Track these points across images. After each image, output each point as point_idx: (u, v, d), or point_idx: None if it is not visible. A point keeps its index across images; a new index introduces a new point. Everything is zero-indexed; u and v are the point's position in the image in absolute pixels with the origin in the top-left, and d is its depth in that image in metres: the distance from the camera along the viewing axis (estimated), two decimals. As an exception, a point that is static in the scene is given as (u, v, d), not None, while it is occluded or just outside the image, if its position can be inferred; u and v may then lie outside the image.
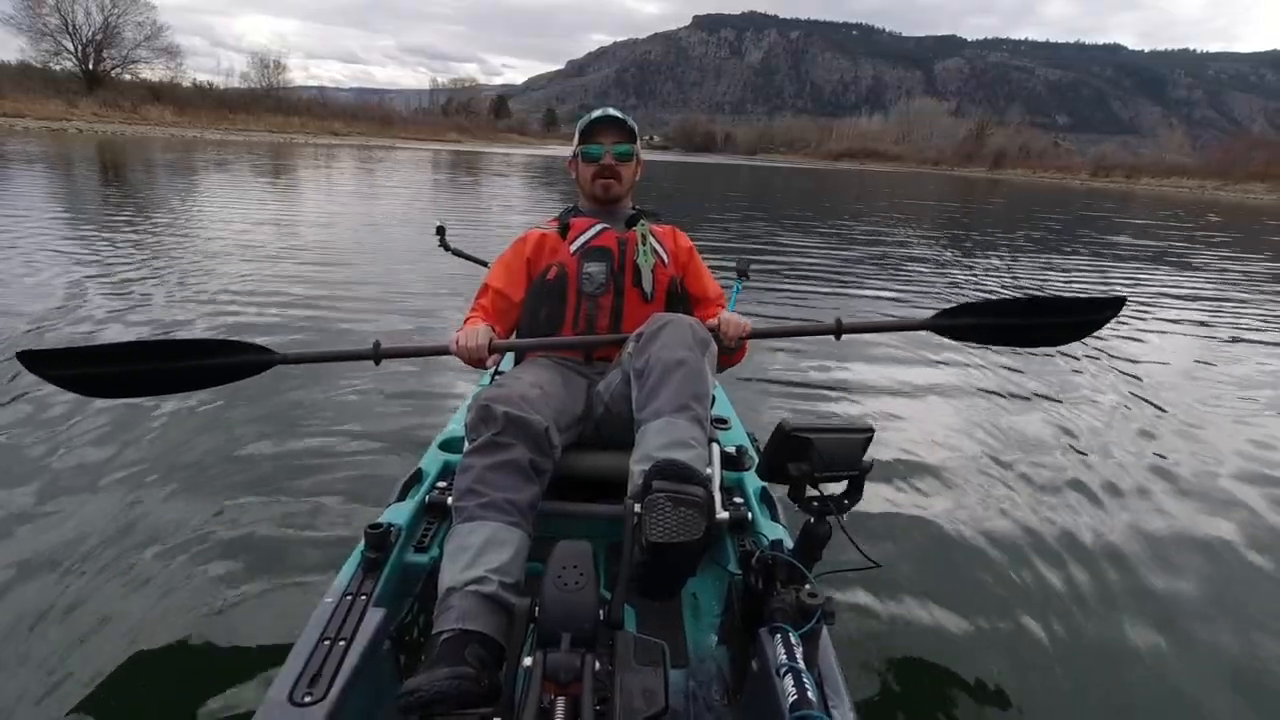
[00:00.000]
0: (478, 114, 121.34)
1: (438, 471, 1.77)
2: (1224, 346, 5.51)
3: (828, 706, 1.05)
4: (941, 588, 2.12)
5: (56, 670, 1.60)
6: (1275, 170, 61.59)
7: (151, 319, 4.45)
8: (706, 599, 1.63)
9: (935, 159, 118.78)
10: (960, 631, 1.93)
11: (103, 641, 1.69)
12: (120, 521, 2.20)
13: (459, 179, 23.24)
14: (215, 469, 2.57)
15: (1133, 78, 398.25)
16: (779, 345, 4.45)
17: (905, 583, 2.11)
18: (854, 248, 10.41)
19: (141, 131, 39.55)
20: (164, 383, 1.71)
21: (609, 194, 1.90)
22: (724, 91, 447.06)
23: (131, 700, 1.55)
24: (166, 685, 1.61)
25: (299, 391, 3.28)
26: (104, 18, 50.35)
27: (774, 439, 1.20)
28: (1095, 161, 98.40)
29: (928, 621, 1.96)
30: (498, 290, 1.86)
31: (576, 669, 1.00)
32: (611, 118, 1.86)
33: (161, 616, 1.79)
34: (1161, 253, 12.30)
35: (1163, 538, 2.50)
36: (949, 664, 1.81)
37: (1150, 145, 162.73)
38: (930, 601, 2.04)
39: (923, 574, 2.18)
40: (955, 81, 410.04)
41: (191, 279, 5.64)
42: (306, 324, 4.57)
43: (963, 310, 1.88)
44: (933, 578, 2.17)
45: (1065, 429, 3.44)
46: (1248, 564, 2.40)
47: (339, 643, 1.17)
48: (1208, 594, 2.20)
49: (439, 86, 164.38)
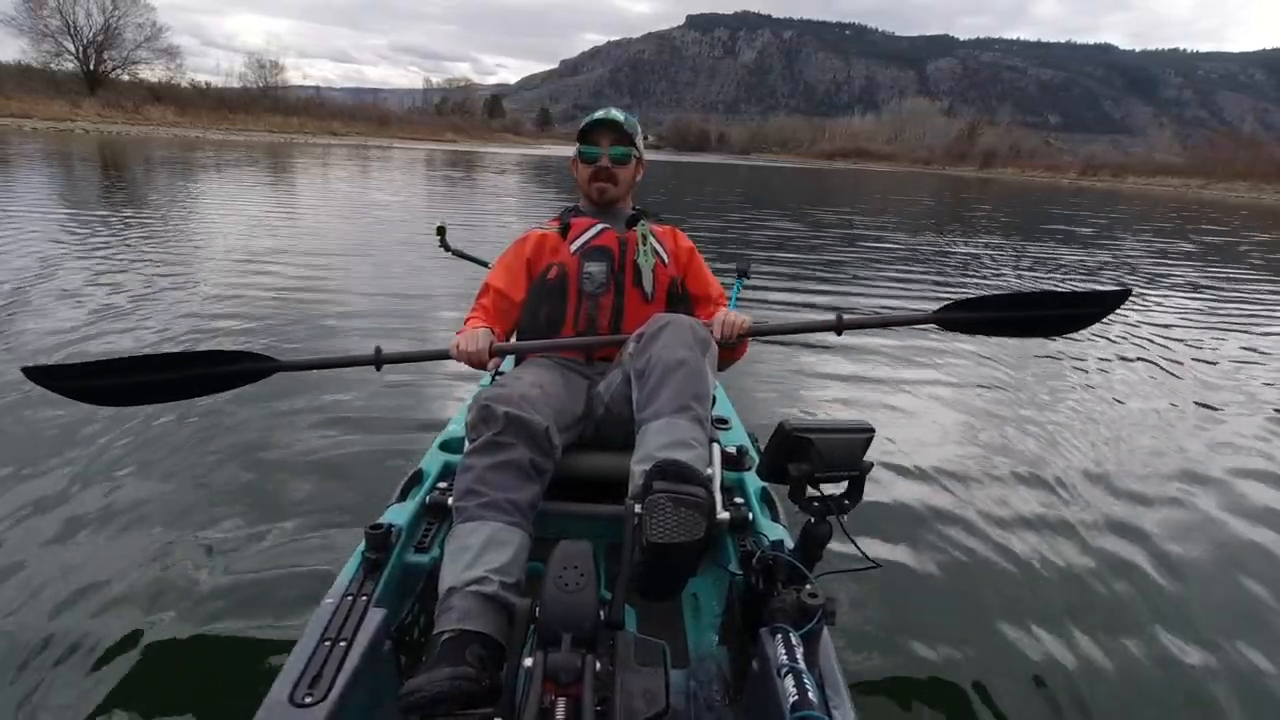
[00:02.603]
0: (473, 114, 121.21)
1: (438, 472, 1.77)
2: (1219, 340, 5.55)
3: (828, 707, 1.05)
4: (943, 588, 2.12)
5: (55, 671, 1.59)
6: (1258, 170, 62.85)
7: (154, 321, 4.43)
8: (707, 599, 1.63)
9: (927, 158, 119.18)
10: (961, 632, 1.93)
11: (102, 642, 1.68)
12: (121, 523, 2.20)
13: (457, 179, 23.21)
14: (217, 471, 2.57)
15: (1124, 77, 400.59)
16: (780, 345, 4.46)
17: (906, 583, 2.11)
18: (853, 246, 10.44)
19: (145, 132, 39.60)
20: (168, 391, 1.74)
21: (604, 197, 1.91)
22: (718, 91, 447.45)
23: (132, 700, 1.54)
24: (166, 686, 1.60)
25: (299, 393, 3.27)
26: (105, 19, 50.81)
27: (774, 439, 1.20)
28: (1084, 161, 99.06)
29: (929, 622, 1.96)
30: (498, 290, 1.85)
31: (577, 669, 1.00)
32: (610, 120, 1.86)
33: (162, 617, 1.79)
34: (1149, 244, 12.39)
35: (1168, 537, 2.50)
36: (950, 664, 1.81)
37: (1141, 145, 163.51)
38: (931, 601, 2.04)
39: (923, 574, 2.19)
40: (948, 81, 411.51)
41: (196, 280, 5.66)
42: (308, 326, 4.56)
43: (966, 304, 1.88)
44: (934, 578, 2.17)
45: (1069, 428, 3.45)
46: (1255, 563, 2.39)
47: (339, 643, 1.17)
48: (1212, 594, 2.20)
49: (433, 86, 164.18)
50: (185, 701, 1.54)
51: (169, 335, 4.20)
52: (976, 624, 1.97)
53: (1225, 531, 2.58)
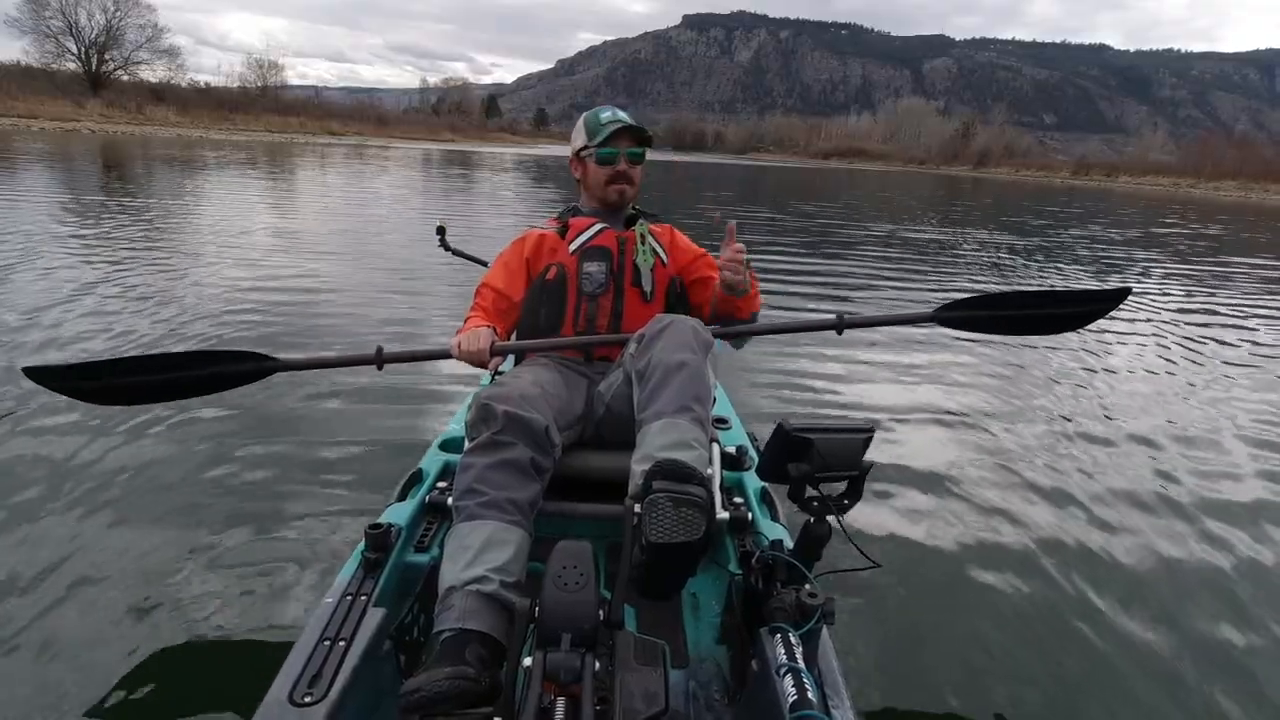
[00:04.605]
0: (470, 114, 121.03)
1: (438, 471, 1.77)
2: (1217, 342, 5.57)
3: (828, 706, 1.05)
4: (942, 587, 2.13)
5: (56, 672, 1.59)
6: (1247, 170, 64.07)
7: (154, 320, 4.43)
8: (706, 599, 1.63)
9: (922, 158, 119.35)
10: (961, 630, 1.94)
11: (102, 641, 1.68)
12: (120, 523, 2.20)
13: (456, 178, 23.21)
14: (216, 470, 2.56)
15: (1118, 77, 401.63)
16: (780, 345, 4.46)
17: (905, 582, 2.12)
18: (852, 245, 10.46)
19: (148, 132, 39.74)
20: (168, 390, 1.73)
21: (624, 199, 1.88)
22: (714, 91, 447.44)
23: (132, 699, 1.54)
24: (167, 685, 1.60)
25: (300, 394, 3.27)
26: (106, 20, 51.39)
27: (774, 439, 1.20)
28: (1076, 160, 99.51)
29: (928, 621, 1.97)
30: (497, 290, 1.84)
31: (576, 669, 1.00)
32: (631, 126, 1.83)
33: (162, 616, 1.79)
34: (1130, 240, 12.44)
35: (1168, 537, 2.51)
36: (950, 663, 1.82)
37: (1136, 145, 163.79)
38: (930, 601, 2.05)
39: (923, 573, 2.19)
40: (943, 81, 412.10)
41: (197, 279, 5.66)
42: (307, 325, 4.56)
43: (966, 303, 1.87)
44: (933, 577, 2.18)
45: (1069, 427, 3.46)
46: (1255, 564, 2.40)
47: (339, 643, 1.17)
48: (1214, 594, 2.21)
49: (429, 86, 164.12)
50: (185, 701, 1.54)
51: (169, 334, 4.20)
52: (976, 623, 1.98)
53: (1226, 532, 2.59)
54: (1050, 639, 1.93)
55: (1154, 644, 1.95)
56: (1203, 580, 2.28)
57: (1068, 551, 2.37)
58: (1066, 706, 1.72)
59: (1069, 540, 2.44)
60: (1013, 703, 1.70)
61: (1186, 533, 2.56)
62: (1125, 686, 1.80)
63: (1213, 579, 2.29)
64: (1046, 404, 3.83)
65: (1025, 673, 1.80)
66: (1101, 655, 1.89)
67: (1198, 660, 1.90)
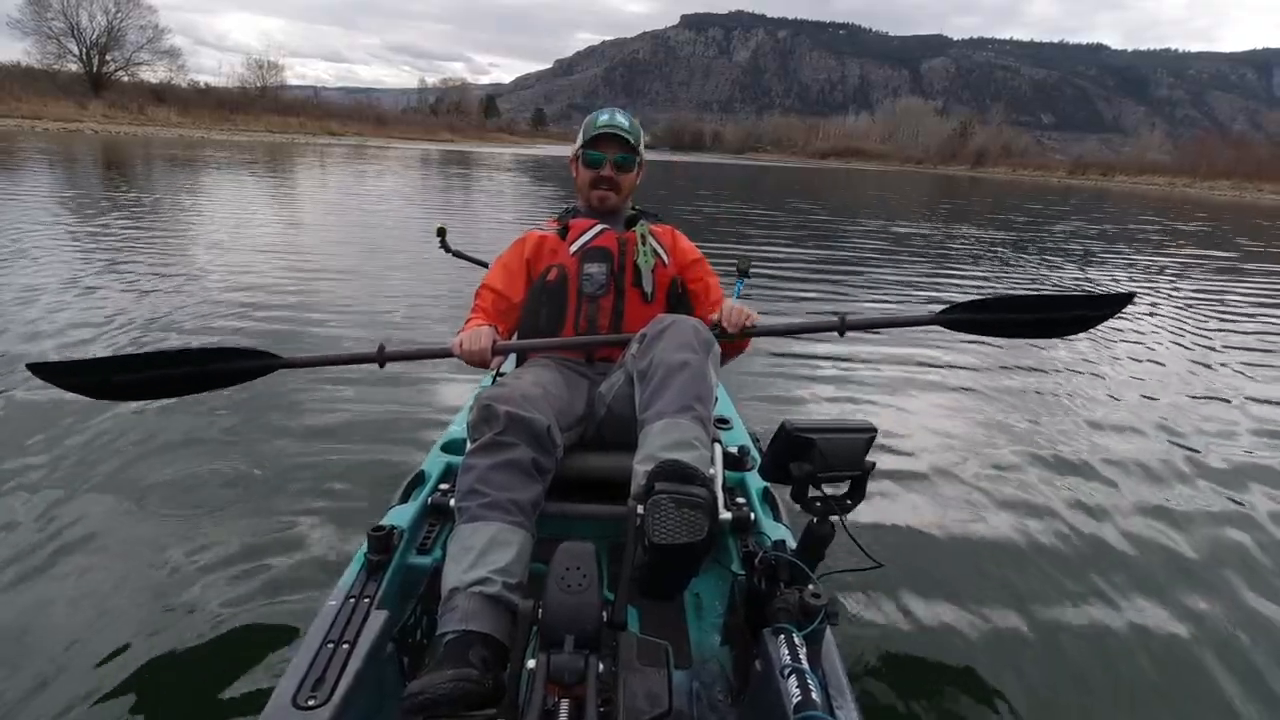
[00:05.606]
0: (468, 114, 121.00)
1: (440, 473, 1.77)
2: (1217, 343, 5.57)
3: (832, 707, 1.05)
4: (945, 587, 2.12)
5: (57, 673, 1.59)
6: (1241, 169, 64.62)
7: (156, 317, 4.44)
8: (709, 600, 1.63)
9: (920, 158, 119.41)
10: (964, 631, 1.94)
11: (105, 644, 1.68)
12: (121, 523, 2.19)
13: (456, 178, 23.18)
14: (217, 471, 2.56)
15: (1116, 77, 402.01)
16: (782, 346, 4.46)
17: (909, 582, 2.11)
18: (851, 244, 10.46)
19: (150, 132, 39.80)
20: (170, 386, 1.74)
21: (605, 205, 1.88)
22: (712, 90, 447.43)
23: (134, 703, 1.53)
24: (170, 689, 1.60)
25: (301, 394, 3.27)
26: (107, 21, 51.59)
27: (776, 439, 1.20)
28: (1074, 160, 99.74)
29: (932, 621, 1.96)
30: (497, 291, 1.85)
31: (580, 670, 1.00)
32: (618, 134, 1.82)
33: (164, 619, 1.78)
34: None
35: (1170, 537, 2.51)
36: (953, 663, 1.82)
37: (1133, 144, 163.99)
38: (934, 601, 2.05)
39: (926, 573, 2.19)
40: (941, 81, 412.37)
41: (199, 277, 5.68)
42: (309, 325, 4.56)
43: (969, 306, 1.88)
44: (936, 577, 2.17)
45: (1071, 427, 3.46)
46: (1257, 561, 2.40)
47: (342, 645, 1.16)
48: (1215, 592, 2.21)
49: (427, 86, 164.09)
50: (188, 704, 1.54)
51: (171, 331, 4.21)
52: (980, 623, 1.97)
53: (1228, 531, 2.59)
54: (1057, 638, 1.93)
55: (1162, 644, 1.94)
56: (1209, 580, 2.28)
57: (1073, 551, 2.37)
58: (1075, 706, 1.71)
59: (1074, 540, 2.44)
60: (1019, 702, 1.69)
61: (1193, 533, 2.55)
62: (1133, 685, 1.80)
63: (1219, 579, 2.29)
64: (1050, 404, 3.83)
65: (1031, 672, 1.80)
66: (1109, 654, 1.89)
67: (1205, 658, 1.90)
